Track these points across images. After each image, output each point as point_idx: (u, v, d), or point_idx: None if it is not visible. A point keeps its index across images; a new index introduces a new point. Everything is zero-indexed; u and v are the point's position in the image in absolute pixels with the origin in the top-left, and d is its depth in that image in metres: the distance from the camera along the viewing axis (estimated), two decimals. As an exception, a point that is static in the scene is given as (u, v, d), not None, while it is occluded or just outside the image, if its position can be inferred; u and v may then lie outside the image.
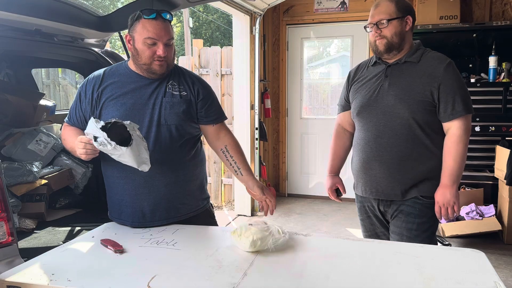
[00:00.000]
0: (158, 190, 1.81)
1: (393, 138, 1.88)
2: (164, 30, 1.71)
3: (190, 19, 16.33)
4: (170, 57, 1.76)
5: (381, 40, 1.88)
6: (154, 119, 1.78)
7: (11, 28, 2.17)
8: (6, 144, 2.69)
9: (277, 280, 1.30)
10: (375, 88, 1.94)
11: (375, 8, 1.89)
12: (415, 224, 1.89)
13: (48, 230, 2.47)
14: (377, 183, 1.95)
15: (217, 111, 1.94)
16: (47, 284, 1.28)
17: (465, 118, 1.87)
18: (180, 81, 1.85)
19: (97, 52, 2.76)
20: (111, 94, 1.78)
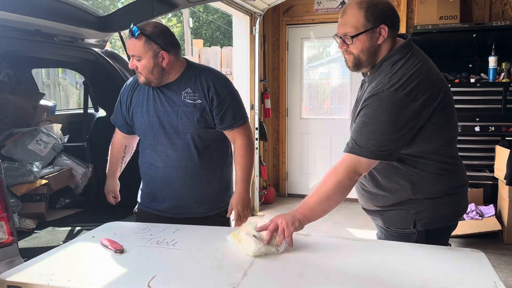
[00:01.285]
0: (175, 191, 1.98)
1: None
2: (131, 46, 1.82)
3: (190, 19, 16.32)
4: (142, 71, 1.83)
5: (348, 56, 1.57)
6: (172, 127, 1.91)
7: (11, 28, 2.17)
8: (6, 144, 2.69)
9: (277, 280, 1.30)
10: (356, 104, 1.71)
11: (342, 15, 1.54)
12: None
13: (48, 230, 2.47)
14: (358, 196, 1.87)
15: (232, 117, 1.93)
16: (47, 284, 1.28)
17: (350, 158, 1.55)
18: (196, 87, 1.90)
19: (97, 52, 2.76)
20: (137, 102, 1.97)
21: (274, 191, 5.45)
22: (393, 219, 1.66)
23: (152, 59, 1.82)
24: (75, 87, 6.86)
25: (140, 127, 1.97)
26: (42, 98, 3.14)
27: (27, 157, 2.68)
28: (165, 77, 1.88)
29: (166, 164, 1.94)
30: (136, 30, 1.78)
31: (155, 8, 2.36)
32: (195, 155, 1.92)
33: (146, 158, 2.00)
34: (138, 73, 1.86)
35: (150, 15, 2.45)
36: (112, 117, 2.11)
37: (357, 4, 1.50)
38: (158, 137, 1.93)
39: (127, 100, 2.00)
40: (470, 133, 4.11)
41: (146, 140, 1.98)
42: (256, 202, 4.98)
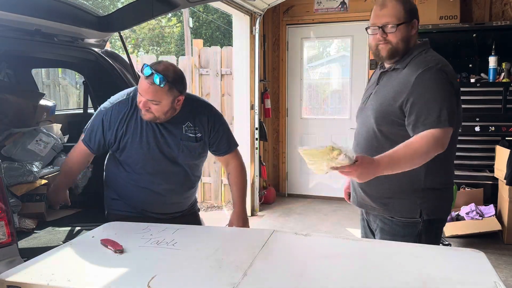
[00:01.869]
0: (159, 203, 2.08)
1: (365, 149, 1.76)
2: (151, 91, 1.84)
3: (190, 19, 16.33)
4: (156, 112, 1.89)
5: (385, 45, 1.69)
6: (171, 157, 2.01)
7: (11, 28, 2.17)
8: (6, 144, 2.68)
9: (277, 280, 1.30)
10: (366, 96, 1.85)
11: (381, 8, 1.68)
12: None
13: (48, 230, 2.47)
14: (354, 190, 1.90)
15: (227, 144, 2.14)
16: (47, 284, 1.28)
17: (436, 131, 1.56)
18: (195, 121, 2.03)
19: (97, 52, 2.76)
20: (133, 132, 1.98)
21: (274, 191, 5.45)
22: (400, 208, 1.72)
23: (170, 104, 1.89)
24: (75, 87, 6.86)
25: (137, 156, 2.00)
26: (42, 98, 3.14)
27: (27, 157, 2.67)
28: (173, 115, 1.97)
29: (161, 189, 2.04)
30: (162, 78, 1.81)
31: (155, 8, 2.36)
32: (189, 176, 2.10)
33: (139, 182, 2.03)
34: (149, 113, 1.89)
35: (150, 15, 2.45)
36: (84, 138, 2.08)
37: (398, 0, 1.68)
38: (156, 166, 2.01)
39: (118, 128, 1.98)
40: (470, 133, 4.11)
41: (140, 166, 2.02)
42: (256, 202, 4.98)
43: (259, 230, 2.17)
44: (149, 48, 20.11)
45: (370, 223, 1.92)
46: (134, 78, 2.77)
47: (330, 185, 5.45)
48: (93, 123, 2.06)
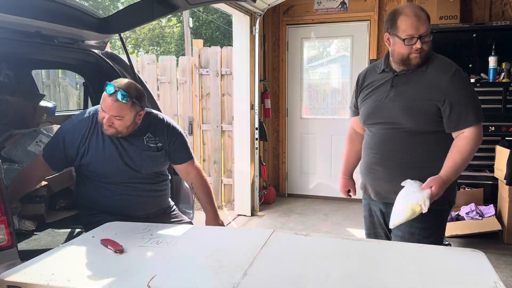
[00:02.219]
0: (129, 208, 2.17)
1: (396, 146, 1.89)
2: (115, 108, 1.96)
3: (190, 19, 16.34)
4: (119, 127, 2.01)
5: (420, 54, 1.81)
6: (135, 169, 2.10)
7: (11, 30, 2.17)
8: (6, 145, 2.68)
9: (277, 280, 1.30)
10: (381, 97, 1.93)
11: (418, 19, 1.79)
12: (417, 229, 1.86)
13: (48, 232, 2.46)
14: (380, 187, 1.96)
15: (186, 152, 2.27)
16: (47, 284, 1.28)
17: (476, 127, 1.81)
18: (155, 132, 2.17)
19: (97, 54, 2.76)
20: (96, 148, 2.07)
21: (274, 191, 5.44)
22: None
23: (133, 118, 2.02)
24: (75, 87, 6.86)
25: (103, 170, 2.09)
26: (42, 99, 3.14)
27: (27, 159, 2.66)
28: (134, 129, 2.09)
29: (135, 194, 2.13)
30: (126, 95, 1.94)
31: (155, 10, 2.36)
32: (156, 179, 2.22)
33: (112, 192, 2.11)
34: (111, 128, 2.00)
35: (150, 17, 2.45)
36: (45, 155, 2.14)
37: (421, 9, 1.82)
38: (123, 177, 2.10)
39: (79, 145, 2.07)
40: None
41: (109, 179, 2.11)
42: (256, 202, 4.98)
43: (259, 230, 2.18)
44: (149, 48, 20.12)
45: (387, 217, 1.95)
46: (134, 79, 2.77)
47: (330, 185, 5.45)
48: (54, 141, 2.16)
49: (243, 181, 4.90)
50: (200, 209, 2.34)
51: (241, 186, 4.92)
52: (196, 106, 5.33)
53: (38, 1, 2.23)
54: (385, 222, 2.00)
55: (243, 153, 4.88)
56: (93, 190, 2.13)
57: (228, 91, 5.19)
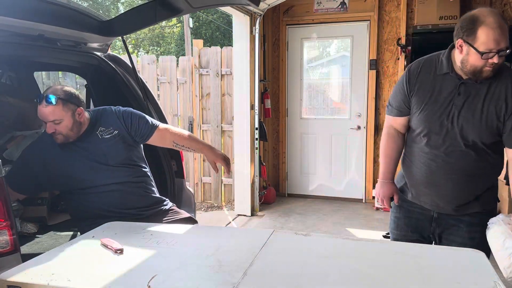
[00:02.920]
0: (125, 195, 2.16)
1: (461, 159, 1.80)
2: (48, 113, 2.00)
3: (190, 20, 16.34)
4: (63, 130, 2.05)
5: (492, 68, 1.67)
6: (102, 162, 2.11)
7: (14, 34, 2.17)
8: (8, 147, 2.68)
9: (277, 280, 1.30)
10: (446, 104, 1.78)
11: (501, 31, 1.62)
12: (477, 233, 1.84)
13: (50, 235, 2.46)
14: (439, 198, 1.89)
15: (148, 125, 2.25)
16: (47, 284, 1.28)
17: None
18: (106, 123, 2.19)
19: (99, 56, 2.76)
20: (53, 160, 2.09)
21: (274, 191, 5.45)
22: (488, 199, 1.89)
23: (71, 118, 2.05)
24: (75, 88, 6.87)
25: (75, 177, 2.10)
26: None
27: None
28: (81, 129, 2.12)
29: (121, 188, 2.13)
30: (53, 97, 1.99)
31: (158, 13, 2.36)
32: (135, 169, 2.21)
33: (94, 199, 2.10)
34: (57, 134, 2.04)
35: (153, 20, 2.44)
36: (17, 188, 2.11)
37: (502, 19, 1.67)
38: (100, 176, 2.10)
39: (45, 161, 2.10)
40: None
41: (90, 183, 2.11)
42: (256, 202, 4.98)
43: (259, 230, 2.18)
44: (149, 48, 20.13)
45: (438, 222, 1.92)
46: (137, 82, 2.77)
47: (330, 186, 5.46)
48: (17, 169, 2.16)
49: (243, 181, 4.90)
50: (200, 210, 2.34)
51: (241, 186, 4.92)
52: (196, 106, 5.33)
53: (41, 4, 2.23)
54: (430, 228, 1.95)
55: (243, 153, 4.88)
56: (81, 201, 2.13)
57: (228, 91, 5.19)
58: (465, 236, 1.87)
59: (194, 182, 5.40)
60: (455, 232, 1.90)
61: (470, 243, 1.83)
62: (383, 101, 5.09)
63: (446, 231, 1.92)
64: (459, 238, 1.87)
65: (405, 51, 4.79)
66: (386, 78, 5.06)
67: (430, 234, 1.97)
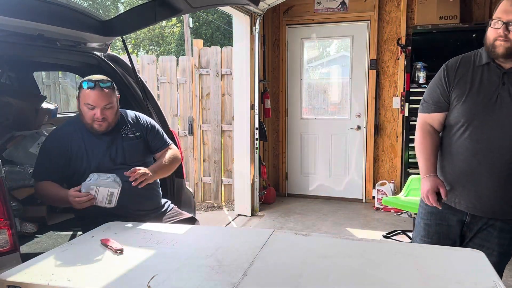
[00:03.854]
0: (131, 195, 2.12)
1: (507, 154, 1.70)
2: (103, 97, 2.06)
3: (190, 20, 16.34)
4: (110, 116, 2.11)
5: (504, 43, 1.62)
6: (121, 161, 2.14)
7: (14, 33, 2.17)
8: (8, 147, 2.68)
9: (277, 280, 1.30)
10: (491, 95, 1.72)
11: (511, 4, 1.60)
12: (506, 240, 1.80)
13: (49, 235, 2.47)
14: (477, 198, 1.79)
15: (162, 141, 2.35)
16: (47, 284, 1.28)
17: None
18: (131, 123, 2.26)
19: (99, 56, 2.76)
20: (78, 150, 2.11)
21: (274, 191, 5.45)
22: None
23: (116, 105, 2.15)
24: (76, 88, 6.86)
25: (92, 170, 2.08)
26: (44, 101, 3.14)
27: (28, 160, 2.66)
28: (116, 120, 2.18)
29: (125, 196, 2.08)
30: (108, 82, 2.09)
31: (158, 13, 2.36)
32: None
33: None
34: (104, 120, 2.08)
35: (153, 20, 2.45)
36: (38, 175, 2.10)
37: None
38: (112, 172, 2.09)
39: (63, 149, 2.10)
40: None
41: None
42: (256, 202, 4.98)
43: (259, 230, 2.18)
44: (149, 48, 20.13)
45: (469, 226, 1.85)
46: (136, 82, 2.77)
47: (330, 186, 5.46)
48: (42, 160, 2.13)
49: (243, 181, 4.90)
50: (200, 210, 2.35)
51: (241, 186, 4.92)
52: (196, 106, 5.33)
53: (41, 4, 2.23)
54: (461, 232, 1.88)
55: (243, 153, 4.88)
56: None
57: (228, 91, 5.19)
58: (494, 241, 1.80)
59: (194, 182, 5.40)
60: (484, 237, 1.82)
61: (498, 249, 1.80)
62: (383, 101, 5.09)
63: (476, 235, 1.84)
64: (487, 243, 1.81)
65: (405, 51, 4.79)
66: (386, 78, 5.06)
67: (460, 237, 1.89)
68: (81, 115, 2.12)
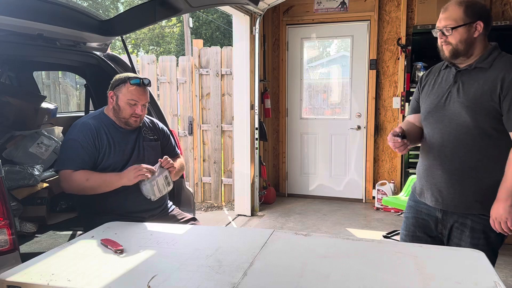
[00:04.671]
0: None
1: (457, 147, 1.81)
2: (145, 95, 2.19)
3: (190, 19, 16.34)
4: (143, 114, 2.23)
5: (447, 46, 1.80)
6: (140, 159, 2.20)
7: (13, 33, 2.17)
8: (8, 147, 2.67)
9: (277, 280, 1.30)
10: (443, 93, 1.86)
11: (443, 12, 1.80)
12: (480, 239, 1.82)
13: (49, 234, 2.46)
14: (438, 192, 1.88)
15: (174, 149, 2.48)
16: (47, 284, 1.28)
17: None
18: (150, 126, 2.37)
19: (99, 56, 2.76)
20: (107, 144, 2.15)
21: (274, 191, 5.45)
22: (492, 201, 1.76)
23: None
24: (75, 88, 6.86)
25: (116, 166, 2.15)
26: (43, 101, 3.14)
27: (28, 160, 2.66)
28: None
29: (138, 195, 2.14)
30: (148, 80, 2.19)
31: (157, 13, 2.36)
32: None
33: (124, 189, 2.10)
34: (139, 117, 2.19)
35: (152, 20, 2.45)
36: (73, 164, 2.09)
37: (457, 2, 1.79)
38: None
39: (93, 144, 2.13)
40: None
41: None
42: (256, 202, 4.98)
43: (259, 230, 2.18)
44: (149, 48, 20.13)
45: (443, 223, 1.91)
46: None
47: (330, 186, 5.46)
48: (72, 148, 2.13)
49: (243, 181, 4.90)
50: (200, 210, 2.36)
51: (241, 186, 4.92)
52: (196, 106, 5.33)
53: (40, 4, 2.23)
54: (437, 229, 1.94)
55: (243, 153, 4.88)
56: (110, 193, 2.10)
57: (228, 91, 5.19)
58: (467, 241, 1.84)
59: (194, 182, 5.40)
60: (459, 236, 1.86)
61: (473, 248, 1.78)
62: (383, 101, 5.09)
63: (452, 234, 1.90)
64: (463, 242, 1.85)
65: (405, 51, 4.79)
66: (386, 78, 5.06)
67: (438, 234, 1.95)
68: (117, 111, 2.17)
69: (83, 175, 2.08)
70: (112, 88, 2.22)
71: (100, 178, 2.08)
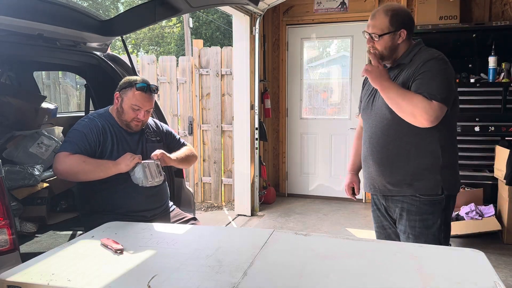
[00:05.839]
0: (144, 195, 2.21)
1: (382, 138, 1.95)
2: (150, 101, 2.20)
3: (190, 19, 16.33)
4: (147, 119, 2.25)
5: (375, 52, 1.94)
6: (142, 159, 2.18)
7: (14, 33, 2.17)
8: (8, 147, 2.67)
9: (277, 280, 1.30)
10: (371, 91, 2.03)
11: (371, 18, 1.94)
12: (416, 222, 1.91)
13: (49, 234, 2.47)
14: (372, 179, 2.03)
15: (179, 142, 2.50)
16: (47, 284, 1.28)
17: (431, 102, 1.75)
18: (152, 128, 2.39)
19: (99, 56, 2.76)
20: (110, 142, 2.17)
21: (274, 191, 5.45)
22: (425, 185, 1.89)
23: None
24: (76, 88, 6.86)
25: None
26: (44, 101, 3.14)
27: (28, 160, 2.66)
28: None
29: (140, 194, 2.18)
30: (156, 86, 2.21)
31: (157, 13, 2.36)
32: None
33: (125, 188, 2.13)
34: (141, 122, 2.20)
35: (152, 20, 2.45)
36: (73, 148, 2.08)
37: (384, 11, 1.91)
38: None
39: (97, 139, 2.14)
40: (470, 133, 4.11)
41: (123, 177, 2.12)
42: (256, 202, 4.98)
43: (259, 230, 2.18)
44: (149, 48, 20.13)
45: (389, 210, 2.04)
46: None
47: (330, 185, 5.46)
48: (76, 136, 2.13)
49: (243, 181, 4.90)
50: (200, 210, 2.36)
51: (241, 186, 4.92)
52: (196, 106, 5.33)
53: (40, 4, 2.23)
54: (389, 215, 2.06)
55: (243, 153, 4.88)
56: (112, 192, 2.11)
57: (228, 91, 5.19)
58: (406, 224, 1.94)
59: (194, 182, 5.40)
60: (400, 221, 1.98)
61: (411, 231, 1.93)
62: (383, 101, 5.09)
63: (397, 219, 2.01)
64: (403, 227, 1.96)
65: (405, 51, 4.79)
66: (386, 78, 5.06)
67: (392, 221, 2.07)
68: (120, 113, 2.19)
69: (79, 157, 2.06)
70: (119, 90, 2.22)
71: (96, 162, 2.07)
